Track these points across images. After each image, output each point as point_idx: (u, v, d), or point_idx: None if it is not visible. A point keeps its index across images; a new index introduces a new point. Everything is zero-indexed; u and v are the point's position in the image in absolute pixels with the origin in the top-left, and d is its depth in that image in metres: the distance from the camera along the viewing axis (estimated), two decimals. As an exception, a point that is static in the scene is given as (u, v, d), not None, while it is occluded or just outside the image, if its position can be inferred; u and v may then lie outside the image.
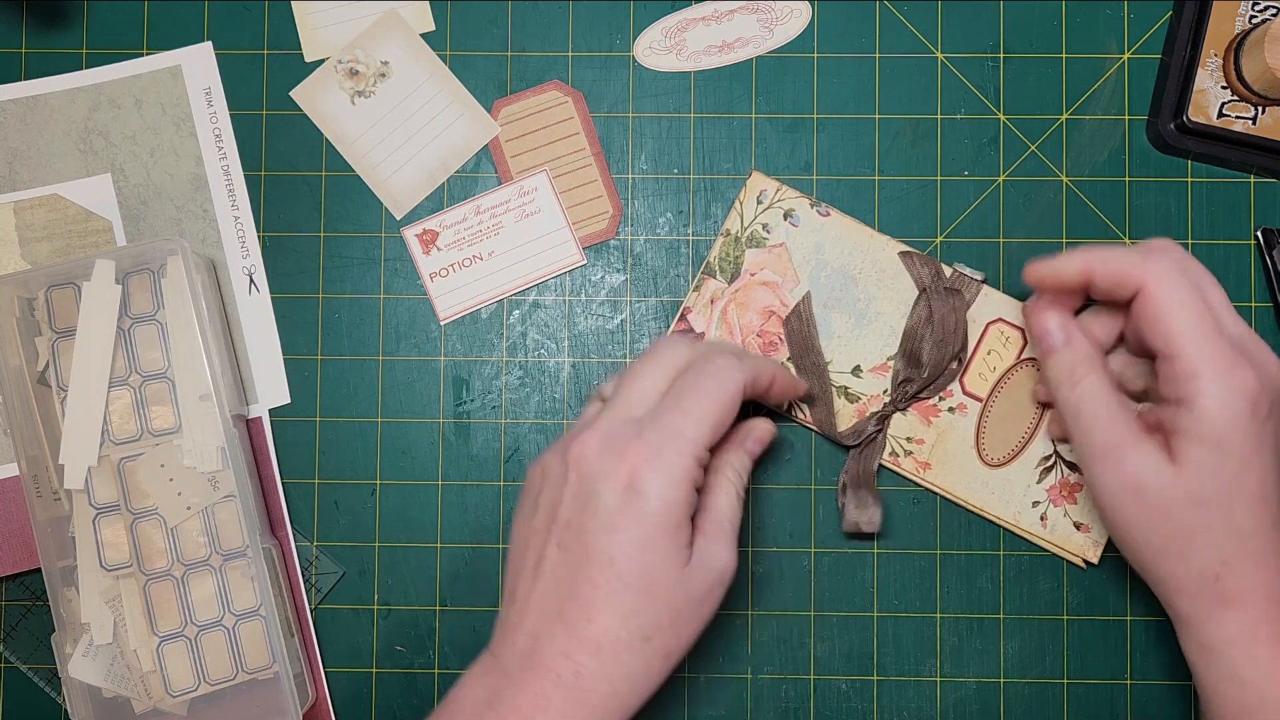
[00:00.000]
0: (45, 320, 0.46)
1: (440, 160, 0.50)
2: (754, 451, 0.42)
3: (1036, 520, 0.47)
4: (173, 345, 0.46)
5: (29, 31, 0.50)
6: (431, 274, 0.50)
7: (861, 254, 0.47)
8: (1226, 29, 0.48)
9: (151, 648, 0.46)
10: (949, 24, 0.50)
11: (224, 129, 0.50)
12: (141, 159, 0.49)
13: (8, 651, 0.49)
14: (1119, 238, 0.49)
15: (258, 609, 0.47)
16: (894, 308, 0.47)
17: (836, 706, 0.49)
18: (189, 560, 0.46)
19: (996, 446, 0.47)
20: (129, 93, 0.49)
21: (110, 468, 0.46)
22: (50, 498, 0.45)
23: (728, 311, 0.47)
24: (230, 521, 0.46)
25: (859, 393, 0.47)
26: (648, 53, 0.50)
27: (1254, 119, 0.48)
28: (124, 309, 0.46)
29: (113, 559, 0.46)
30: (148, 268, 0.46)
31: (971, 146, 0.50)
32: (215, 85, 0.50)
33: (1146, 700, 0.49)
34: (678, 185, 0.50)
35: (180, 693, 0.46)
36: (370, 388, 0.50)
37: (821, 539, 0.49)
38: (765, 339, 0.47)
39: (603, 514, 0.36)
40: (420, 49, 0.50)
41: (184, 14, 0.50)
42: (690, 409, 0.37)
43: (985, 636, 0.49)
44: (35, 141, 0.49)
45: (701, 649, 0.49)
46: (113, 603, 0.46)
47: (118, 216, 0.49)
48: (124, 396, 0.46)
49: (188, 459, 0.46)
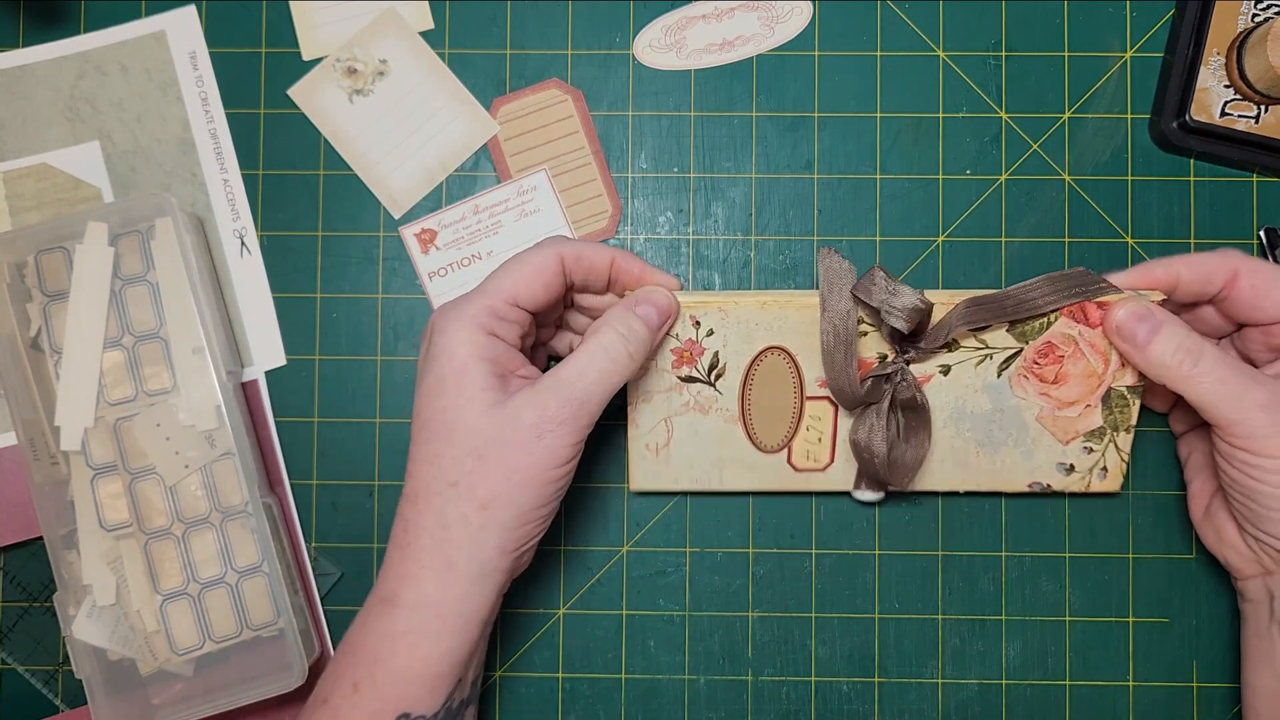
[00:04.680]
0: (36, 285, 0.46)
1: (439, 159, 0.50)
2: (648, 316, 0.41)
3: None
4: (165, 304, 0.46)
5: (26, 20, 0.50)
6: (430, 273, 0.50)
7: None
8: (1229, 28, 0.47)
9: (155, 607, 0.46)
10: (951, 22, 0.50)
11: (210, 92, 0.50)
12: (129, 125, 0.49)
13: (4, 653, 0.49)
14: (1121, 237, 0.49)
15: (260, 565, 0.47)
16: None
17: (838, 708, 0.49)
18: (189, 518, 0.46)
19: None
20: (114, 59, 0.49)
21: (106, 429, 0.46)
22: (48, 461, 0.46)
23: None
24: (229, 479, 0.46)
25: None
26: (648, 51, 0.50)
27: (1257, 118, 0.48)
28: (114, 271, 0.46)
29: (112, 519, 0.46)
30: (136, 230, 0.47)
31: (973, 145, 0.49)
32: (200, 49, 0.50)
33: (1149, 702, 0.48)
34: (678, 184, 0.50)
35: (185, 651, 0.46)
36: (369, 388, 0.49)
37: (822, 540, 0.49)
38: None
39: (416, 374, 0.40)
40: (419, 47, 0.50)
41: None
42: (496, 273, 0.40)
43: (987, 638, 0.49)
44: (22, 110, 0.49)
45: (702, 649, 0.49)
46: (114, 564, 0.46)
47: (107, 183, 0.49)
48: (117, 357, 0.46)
49: (184, 417, 0.46)
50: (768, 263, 0.49)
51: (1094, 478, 0.45)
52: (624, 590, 0.49)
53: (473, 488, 0.38)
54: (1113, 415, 0.45)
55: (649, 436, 0.45)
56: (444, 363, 0.38)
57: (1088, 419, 0.45)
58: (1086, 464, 0.45)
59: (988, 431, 0.45)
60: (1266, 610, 0.43)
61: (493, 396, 0.38)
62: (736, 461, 0.46)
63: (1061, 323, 0.43)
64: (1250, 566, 0.43)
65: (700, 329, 0.44)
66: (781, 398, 0.45)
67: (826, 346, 0.42)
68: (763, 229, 0.49)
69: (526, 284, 0.39)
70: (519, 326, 0.40)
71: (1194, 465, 0.47)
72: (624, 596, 0.49)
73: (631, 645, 0.49)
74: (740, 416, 0.45)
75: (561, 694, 0.49)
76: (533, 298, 0.40)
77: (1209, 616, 0.49)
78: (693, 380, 0.45)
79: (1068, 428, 0.45)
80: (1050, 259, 0.49)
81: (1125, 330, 0.41)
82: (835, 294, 0.42)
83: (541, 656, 0.49)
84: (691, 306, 0.43)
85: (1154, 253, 0.49)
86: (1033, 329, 0.43)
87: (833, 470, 0.46)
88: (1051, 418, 0.45)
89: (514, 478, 0.38)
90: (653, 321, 0.41)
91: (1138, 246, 0.49)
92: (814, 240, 0.49)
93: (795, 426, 0.45)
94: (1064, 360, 0.44)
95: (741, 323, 0.44)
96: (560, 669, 0.49)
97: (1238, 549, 0.43)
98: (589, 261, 0.41)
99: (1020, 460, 0.45)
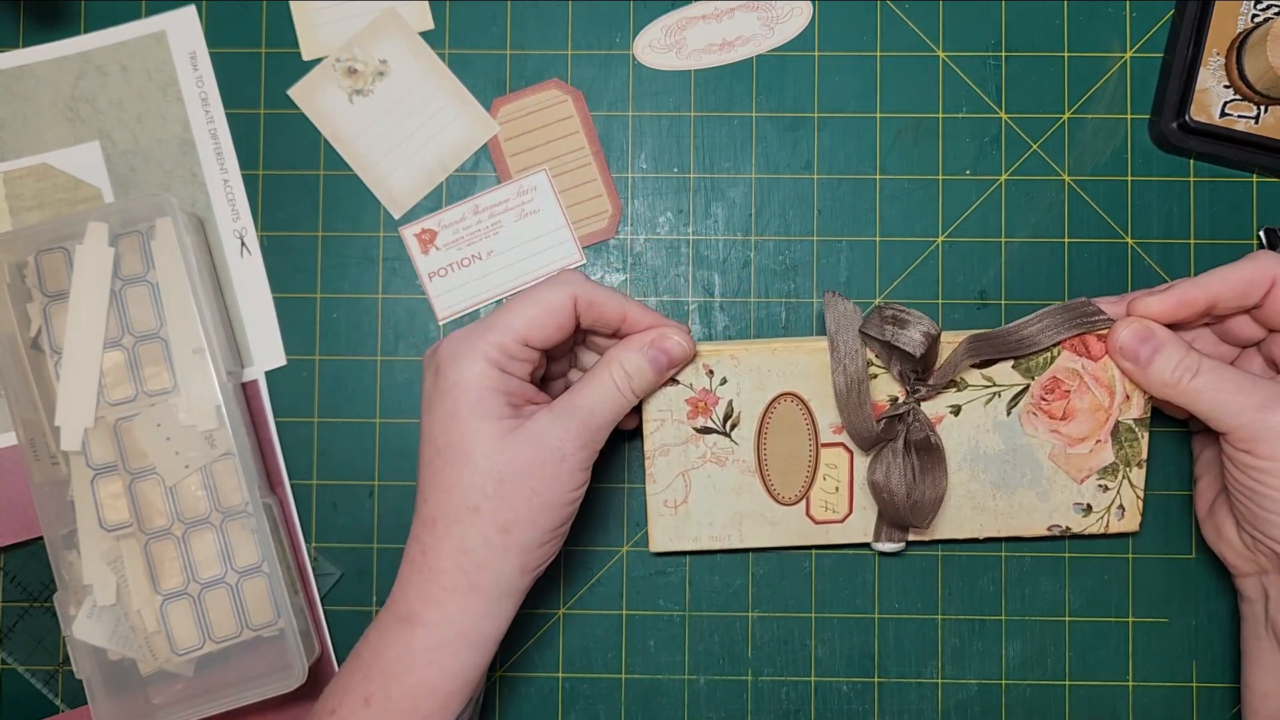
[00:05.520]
0: (36, 285, 0.46)
1: (439, 159, 0.50)
2: (656, 359, 0.41)
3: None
4: (165, 304, 0.46)
5: (26, 20, 0.50)
6: (430, 273, 0.50)
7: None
8: (1229, 28, 0.47)
9: (155, 607, 0.46)
10: (950, 22, 0.50)
11: (210, 92, 0.50)
12: (129, 125, 0.49)
13: (4, 653, 0.49)
14: (1121, 237, 0.49)
15: (260, 565, 0.47)
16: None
17: (837, 708, 0.49)
18: (189, 518, 0.46)
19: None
20: (115, 59, 0.49)
21: (106, 429, 0.46)
22: (48, 461, 0.46)
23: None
24: (229, 479, 0.46)
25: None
26: (648, 51, 0.50)
27: (1256, 118, 0.48)
28: (114, 271, 0.46)
29: (112, 519, 0.46)
30: (136, 230, 0.47)
31: (973, 145, 0.49)
32: (200, 49, 0.50)
33: (1148, 702, 0.48)
34: (678, 184, 0.50)
35: (185, 651, 0.46)
36: (369, 388, 0.49)
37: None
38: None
39: (423, 402, 0.40)
40: (419, 47, 0.50)
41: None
42: (509, 308, 0.40)
43: (987, 638, 0.49)
44: (22, 111, 0.49)
45: (702, 649, 0.49)
46: (114, 564, 0.46)
47: (107, 183, 0.49)
48: (117, 357, 0.46)
49: (184, 417, 0.46)
50: (767, 263, 0.49)
51: (1112, 517, 0.46)
52: (624, 590, 0.49)
53: (494, 512, 0.38)
54: (1123, 450, 0.45)
55: (667, 493, 0.45)
56: (458, 395, 0.38)
57: (1099, 455, 0.45)
58: (1103, 503, 0.46)
59: (1003, 473, 0.45)
60: (1262, 609, 0.43)
61: (509, 425, 0.38)
62: (755, 515, 0.46)
63: (1065, 357, 0.44)
64: (1247, 565, 0.44)
65: (714, 378, 0.44)
66: (797, 445, 0.45)
67: (839, 389, 0.43)
68: (763, 229, 0.49)
69: (539, 325, 0.39)
70: (529, 364, 0.40)
71: (1204, 461, 0.47)
72: (624, 596, 0.49)
73: (631, 645, 0.49)
74: (757, 467, 0.45)
75: (561, 694, 0.49)
76: (544, 339, 0.40)
77: (1209, 616, 0.49)
78: (708, 431, 0.45)
79: (1081, 465, 0.45)
80: (1050, 259, 0.49)
81: (1128, 350, 0.42)
82: (844, 336, 0.42)
83: (541, 656, 0.49)
84: (705, 355, 0.44)
85: (1153, 253, 0.49)
86: (1037, 364, 0.44)
87: (851, 521, 0.46)
88: (1064, 456, 0.45)
89: (535, 501, 0.38)
90: (661, 366, 0.41)
91: (1138, 247, 0.49)
92: (814, 240, 0.49)
93: (812, 476, 0.45)
94: (1070, 395, 0.44)
95: (754, 370, 0.44)
96: (560, 669, 0.49)
97: (1235, 546, 0.44)
98: (600, 309, 0.41)
99: (1037, 501, 0.45)
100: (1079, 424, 0.45)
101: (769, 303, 0.49)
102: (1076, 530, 0.46)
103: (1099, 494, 0.45)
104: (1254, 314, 0.43)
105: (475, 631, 0.39)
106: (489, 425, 0.38)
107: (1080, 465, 0.45)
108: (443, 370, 0.39)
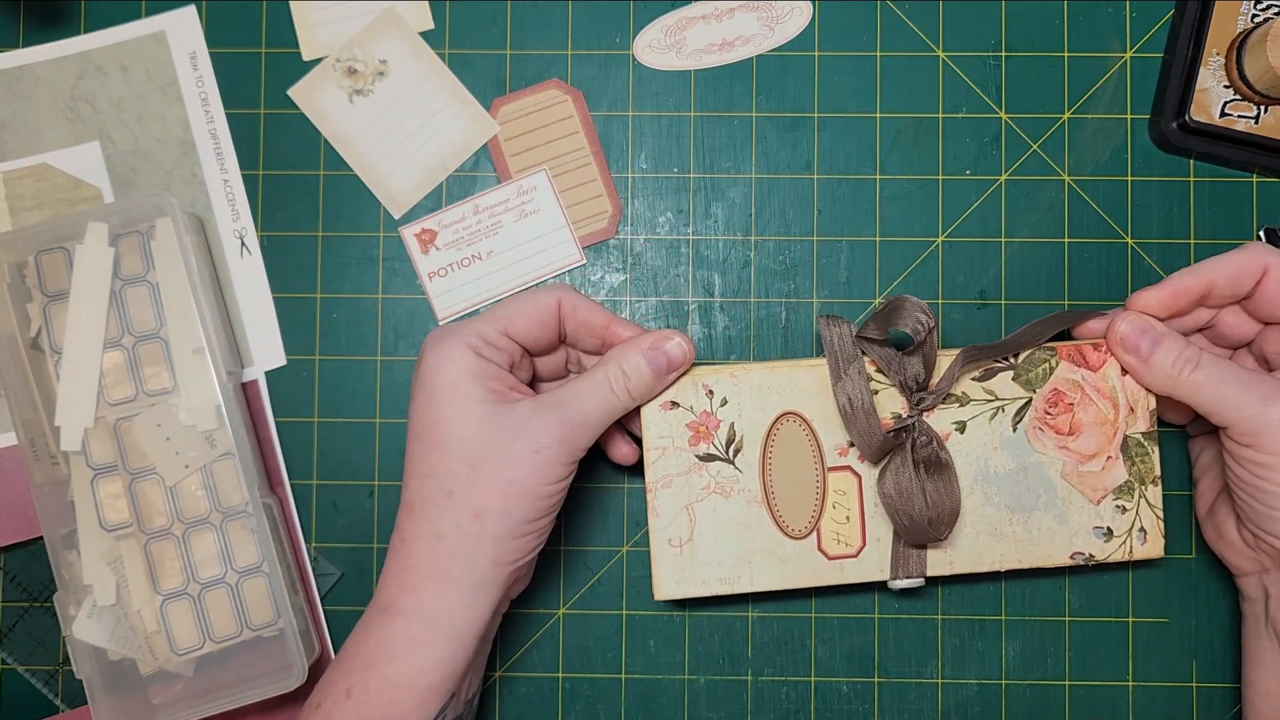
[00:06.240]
0: (36, 285, 0.46)
1: (439, 159, 0.50)
2: (655, 360, 0.41)
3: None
4: (165, 304, 0.46)
5: (26, 20, 0.50)
6: (430, 273, 0.50)
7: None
8: (1229, 28, 0.47)
9: (155, 607, 0.46)
10: (950, 22, 0.50)
11: (210, 92, 0.50)
12: (129, 125, 0.49)
13: (4, 653, 0.49)
14: (1121, 237, 0.49)
15: (260, 565, 0.47)
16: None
17: (837, 708, 0.49)
18: (189, 518, 0.46)
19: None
20: (115, 59, 0.49)
21: (106, 429, 0.46)
22: (48, 461, 0.46)
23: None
24: (229, 479, 0.47)
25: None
26: (647, 51, 0.50)
27: (1256, 118, 0.48)
28: (114, 271, 0.46)
29: (112, 519, 0.46)
30: (136, 230, 0.47)
31: (973, 145, 0.49)
32: (200, 49, 0.50)
33: (1148, 702, 0.48)
34: (678, 184, 0.50)
35: (185, 651, 0.46)
36: (369, 388, 0.49)
37: (822, 540, 0.49)
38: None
39: (410, 393, 0.40)
40: (419, 47, 0.50)
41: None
42: (495, 308, 0.41)
43: (987, 638, 0.49)
44: (23, 111, 0.49)
45: (702, 649, 0.49)
46: (114, 564, 0.46)
47: (107, 183, 0.49)
48: (117, 357, 0.46)
49: (184, 417, 0.46)
50: (767, 263, 0.49)
51: (1134, 541, 0.44)
52: (624, 590, 0.49)
53: (467, 497, 0.38)
54: (1135, 466, 0.44)
55: (671, 530, 0.43)
56: (434, 377, 0.39)
57: (1112, 473, 0.44)
58: (1123, 525, 0.44)
59: (1016, 495, 0.44)
60: (1262, 608, 0.43)
61: (488, 409, 0.38)
62: (765, 552, 0.44)
63: (1064, 368, 0.43)
64: (1248, 563, 0.44)
65: (714, 399, 0.43)
66: (803, 471, 0.44)
67: (845, 413, 0.42)
68: (763, 229, 0.49)
69: (521, 316, 0.40)
70: (507, 355, 0.40)
71: (1203, 464, 0.47)
72: (624, 596, 0.49)
73: (631, 645, 0.49)
74: (764, 497, 0.43)
75: (561, 694, 0.49)
76: (525, 331, 0.40)
77: (1209, 616, 0.49)
78: (712, 458, 0.43)
79: (1095, 484, 0.44)
80: (1050, 259, 0.49)
81: (1128, 342, 0.42)
82: (843, 360, 0.42)
83: (541, 656, 0.49)
84: (703, 374, 0.43)
85: (1153, 253, 0.49)
86: (1037, 376, 0.43)
87: (866, 555, 0.44)
88: (1076, 474, 0.44)
89: (508, 490, 0.38)
90: (660, 368, 0.41)
91: (1137, 247, 0.49)
92: (814, 241, 0.49)
93: (820, 504, 0.44)
94: (1074, 408, 0.44)
95: (754, 388, 0.43)
96: (560, 669, 0.49)
97: (1235, 546, 0.44)
98: (584, 315, 0.41)
99: (1055, 526, 0.44)
100: (1086, 439, 0.44)
101: (769, 303, 0.49)
102: (1101, 558, 0.44)
103: (1118, 515, 0.44)
104: (1245, 305, 0.43)
105: (450, 623, 0.38)
106: (465, 408, 0.38)
107: (1095, 484, 0.44)
108: (424, 356, 0.39)
